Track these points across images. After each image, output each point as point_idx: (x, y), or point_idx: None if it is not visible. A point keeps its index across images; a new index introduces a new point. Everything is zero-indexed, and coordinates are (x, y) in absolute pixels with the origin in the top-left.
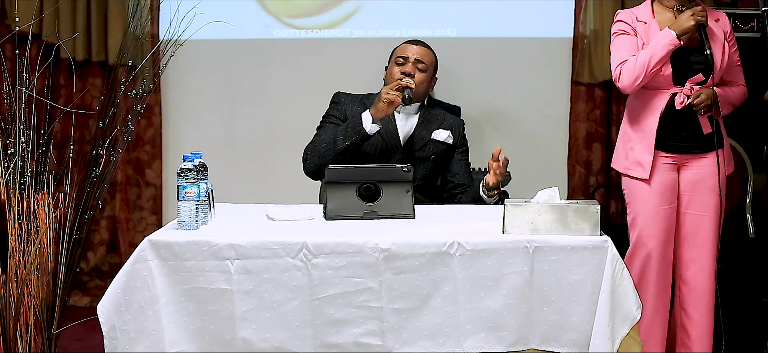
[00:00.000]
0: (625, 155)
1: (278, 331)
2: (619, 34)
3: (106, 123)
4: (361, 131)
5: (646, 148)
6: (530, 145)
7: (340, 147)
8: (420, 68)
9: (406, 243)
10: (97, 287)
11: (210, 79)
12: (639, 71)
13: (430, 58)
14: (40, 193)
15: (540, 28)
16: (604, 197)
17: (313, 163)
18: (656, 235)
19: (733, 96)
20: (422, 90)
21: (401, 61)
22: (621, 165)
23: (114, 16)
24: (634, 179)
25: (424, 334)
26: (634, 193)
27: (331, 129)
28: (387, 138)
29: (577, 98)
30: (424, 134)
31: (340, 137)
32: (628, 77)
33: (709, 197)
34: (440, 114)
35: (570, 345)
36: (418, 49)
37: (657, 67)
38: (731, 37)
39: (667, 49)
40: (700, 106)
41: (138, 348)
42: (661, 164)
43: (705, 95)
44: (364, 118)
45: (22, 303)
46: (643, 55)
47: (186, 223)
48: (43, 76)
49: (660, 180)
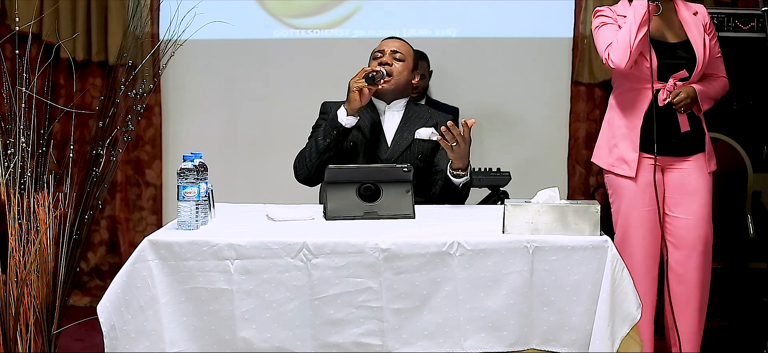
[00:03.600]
0: (608, 151)
1: (278, 331)
2: (601, 26)
3: (106, 123)
4: (337, 126)
5: (631, 145)
6: (530, 145)
7: (322, 146)
8: (397, 58)
9: (406, 243)
10: (97, 287)
11: (210, 79)
12: (625, 44)
13: (407, 50)
14: (40, 193)
15: (540, 28)
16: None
17: (302, 171)
18: (640, 235)
19: (714, 90)
20: (403, 80)
21: (378, 56)
22: (604, 161)
23: (114, 16)
24: (618, 176)
25: (424, 334)
26: (618, 191)
27: (315, 134)
28: (368, 136)
29: (577, 98)
30: (406, 135)
31: (321, 137)
32: (617, 53)
33: (691, 201)
34: (426, 111)
35: (570, 345)
36: (393, 42)
37: (639, 34)
38: (711, 29)
39: (641, 12)
40: (680, 104)
41: (138, 348)
42: (645, 164)
43: (684, 94)
44: (339, 113)
45: (22, 303)
46: (623, 30)
47: (186, 223)
48: (43, 76)
49: (643, 180)
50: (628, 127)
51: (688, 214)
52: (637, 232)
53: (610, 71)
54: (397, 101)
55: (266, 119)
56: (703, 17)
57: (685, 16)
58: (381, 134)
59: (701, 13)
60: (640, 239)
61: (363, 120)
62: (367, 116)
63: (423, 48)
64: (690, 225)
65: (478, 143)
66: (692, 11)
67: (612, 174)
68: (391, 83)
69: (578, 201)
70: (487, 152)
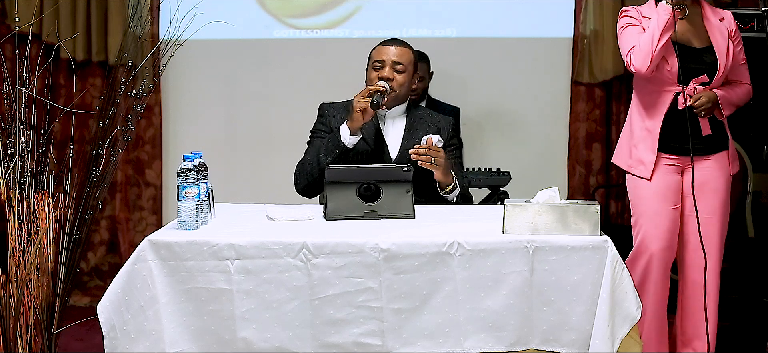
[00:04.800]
0: (628, 153)
1: (278, 331)
2: (626, 27)
3: (106, 123)
4: (339, 145)
5: (649, 147)
6: (530, 145)
7: (324, 164)
8: (398, 70)
9: (406, 243)
10: (97, 287)
11: (210, 79)
12: (647, 48)
13: (408, 57)
14: (40, 193)
15: (540, 28)
16: (604, 197)
17: (303, 183)
18: (659, 236)
19: (737, 96)
20: (404, 91)
21: (378, 66)
22: (624, 162)
23: (114, 16)
24: (636, 177)
25: (424, 334)
26: (637, 193)
27: (317, 146)
28: (371, 145)
29: (577, 98)
30: (411, 143)
31: (322, 154)
32: (639, 58)
33: (712, 199)
34: (427, 116)
35: (570, 345)
36: (394, 50)
37: (662, 40)
38: (736, 35)
39: (664, 18)
40: (701, 108)
41: (138, 348)
42: (663, 165)
43: (705, 98)
44: (341, 131)
45: (22, 303)
46: (646, 34)
47: (186, 223)
48: (43, 76)
49: (663, 181)
50: (648, 129)
51: (709, 212)
52: (654, 233)
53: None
54: (397, 107)
55: (266, 118)
56: (729, 23)
57: (712, 20)
58: (383, 142)
59: (727, 18)
60: (657, 240)
61: (365, 128)
62: (369, 124)
63: (423, 48)
64: (711, 223)
65: (477, 143)
66: (718, 17)
67: (631, 175)
68: (391, 96)
69: (578, 201)
70: (487, 152)
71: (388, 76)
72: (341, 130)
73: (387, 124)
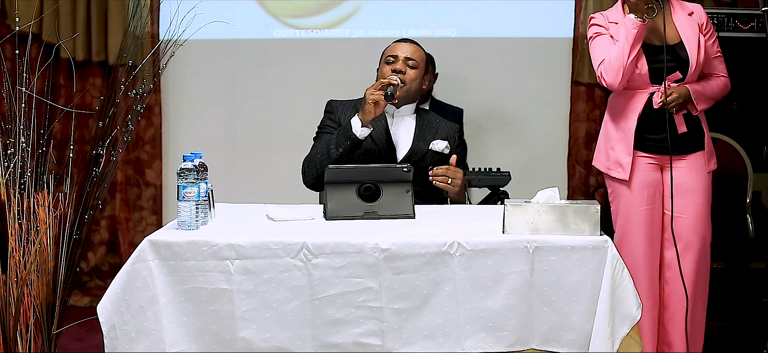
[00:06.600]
0: (606, 155)
1: (278, 331)
2: (595, 37)
3: (106, 123)
4: (351, 137)
5: (626, 148)
6: (530, 145)
7: (334, 155)
8: (410, 65)
9: (406, 243)
10: (97, 287)
11: (210, 79)
12: (617, 64)
13: (420, 55)
14: (40, 193)
15: (540, 28)
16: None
17: (311, 176)
18: (639, 235)
19: (711, 90)
20: (415, 87)
21: (391, 61)
22: (602, 164)
23: (114, 16)
24: (614, 179)
25: (424, 334)
26: (616, 193)
27: (326, 139)
28: (379, 143)
29: (577, 98)
30: (421, 145)
31: (333, 146)
32: (610, 73)
33: (690, 198)
34: (436, 121)
35: (570, 345)
36: (407, 46)
37: (631, 54)
38: (708, 28)
39: (633, 32)
40: (673, 104)
41: (138, 348)
42: (642, 164)
43: (677, 94)
44: (353, 123)
45: (22, 303)
46: (616, 48)
47: (186, 223)
48: (43, 76)
49: (641, 180)
50: (623, 130)
51: (684, 212)
52: (635, 232)
53: None
54: (406, 105)
55: (266, 119)
56: (699, 17)
57: (680, 17)
58: (392, 143)
59: (697, 12)
60: (638, 240)
61: (374, 128)
62: (378, 124)
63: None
64: (687, 224)
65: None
66: (687, 12)
67: (609, 177)
68: (403, 91)
69: (578, 201)
70: (487, 152)
71: (401, 69)
72: (353, 122)
73: (396, 122)
